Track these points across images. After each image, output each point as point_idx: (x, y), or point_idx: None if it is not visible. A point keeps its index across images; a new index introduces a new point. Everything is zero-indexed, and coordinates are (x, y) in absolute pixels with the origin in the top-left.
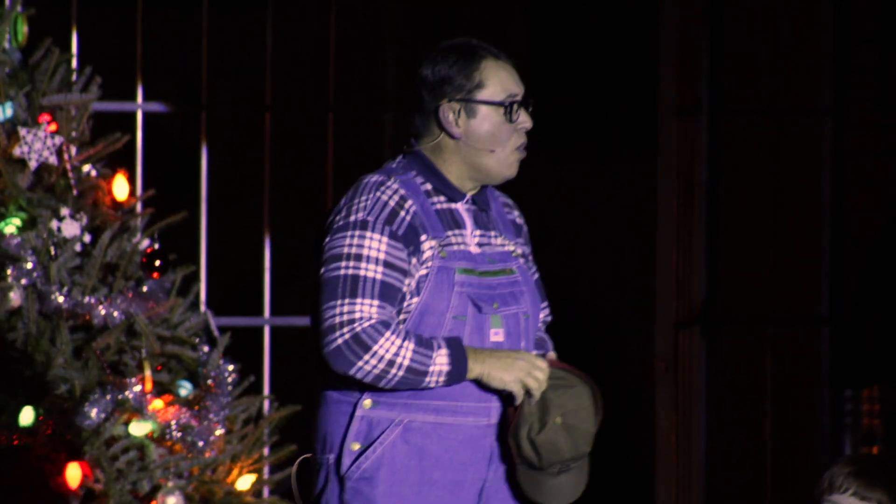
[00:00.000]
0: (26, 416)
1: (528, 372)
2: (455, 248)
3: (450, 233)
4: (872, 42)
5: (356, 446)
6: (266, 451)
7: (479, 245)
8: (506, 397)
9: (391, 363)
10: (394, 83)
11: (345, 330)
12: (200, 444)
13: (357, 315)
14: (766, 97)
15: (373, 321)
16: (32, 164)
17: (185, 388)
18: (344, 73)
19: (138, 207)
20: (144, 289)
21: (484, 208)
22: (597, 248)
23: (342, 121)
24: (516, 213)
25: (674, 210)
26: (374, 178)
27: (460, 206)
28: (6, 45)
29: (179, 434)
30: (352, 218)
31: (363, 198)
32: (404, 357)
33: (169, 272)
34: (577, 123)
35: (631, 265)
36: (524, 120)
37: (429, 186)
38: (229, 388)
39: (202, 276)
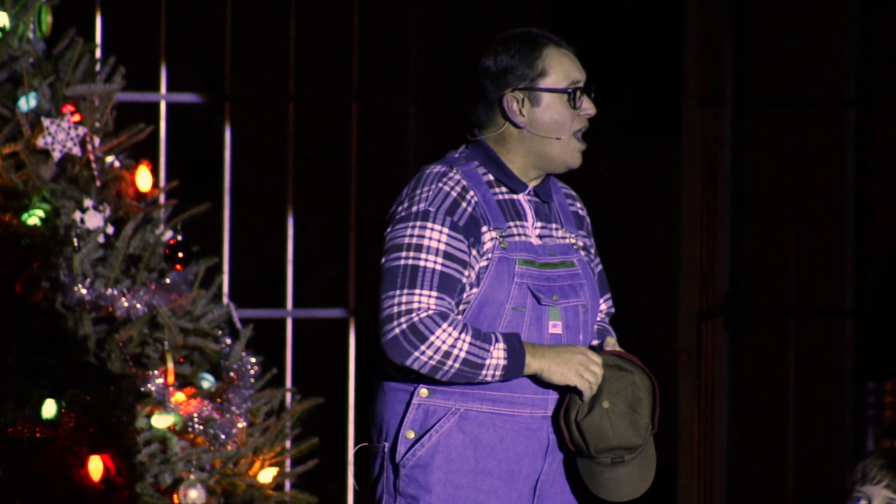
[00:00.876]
0: (49, 408)
1: (586, 366)
2: (516, 239)
3: (511, 224)
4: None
5: (411, 434)
6: (288, 443)
7: (541, 237)
8: (563, 388)
9: (447, 354)
10: (417, 74)
11: (402, 320)
12: (222, 436)
13: (415, 305)
14: (790, 88)
15: (430, 312)
16: (56, 155)
17: (207, 381)
18: (367, 63)
19: (161, 199)
20: (167, 281)
21: (546, 200)
22: (620, 238)
23: (365, 111)
24: (578, 204)
25: (697, 201)
26: (437, 168)
27: (522, 198)
28: (30, 35)
29: (201, 427)
30: (413, 209)
31: (425, 188)
32: (461, 349)
33: (192, 264)
34: (601, 114)
35: (654, 256)
36: (587, 106)
37: (491, 177)
38: (251, 380)
39: (225, 267)
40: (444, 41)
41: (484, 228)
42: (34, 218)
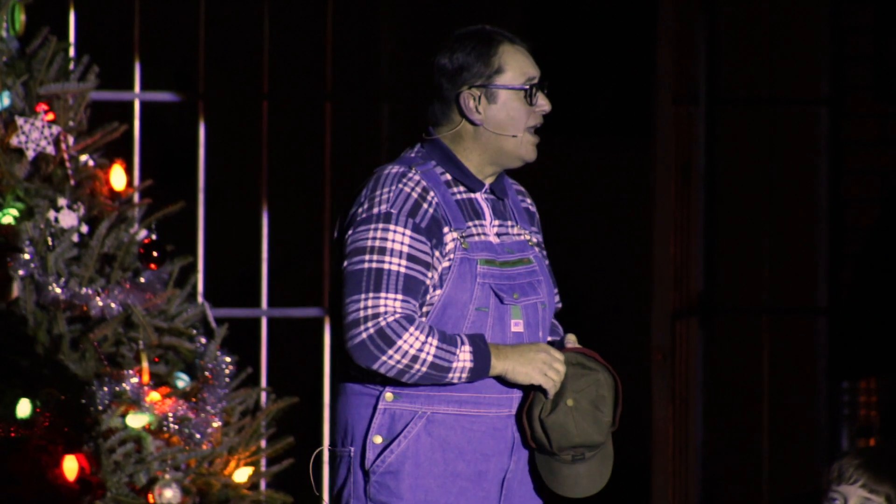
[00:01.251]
0: (23, 408)
1: (549, 364)
2: (476, 238)
3: (471, 223)
4: (868, 31)
5: (379, 439)
6: (263, 443)
7: (498, 235)
8: (527, 386)
9: (415, 359)
10: (391, 73)
11: (369, 324)
12: (197, 436)
13: (381, 309)
14: (764, 86)
15: (397, 316)
16: (30, 154)
17: (182, 380)
18: (341, 62)
19: (136, 197)
20: (142, 280)
21: (501, 197)
22: (593, 237)
23: (340, 110)
24: (529, 200)
25: (671, 199)
26: (395, 169)
27: (479, 196)
28: (3, 33)
29: (176, 426)
30: (374, 210)
31: (385, 189)
32: (428, 353)
33: (166, 263)
34: (574, 111)
35: (628, 255)
36: (543, 103)
37: (448, 177)
38: (226, 379)
39: (200, 266)
40: (418, 40)
41: (445, 229)
42: (8, 217)
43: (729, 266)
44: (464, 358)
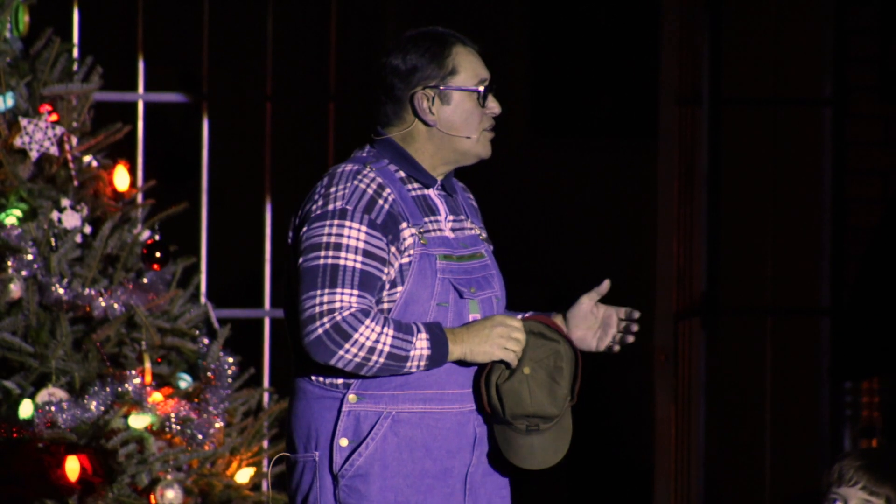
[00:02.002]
0: (26, 408)
1: (507, 336)
2: (434, 234)
3: (427, 219)
4: (872, 32)
5: (345, 442)
6: (265, 443)
7: (453, 230)
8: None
9: (372, 350)
10: None
11: (325, 320)
12: (200, 436)
13: (337, 305)
14: (767, 87)
15: (353, 310)
16: (33, 155)
17: (184, 381)
18: (344, 63)
19: (139, 198)
20: (145, 280)
21: (451, 193)
22: (597, 237)
23: (343, 111)
24: (471, 195)
25: (674, 200)
26: (349, 167)
27: (433, 193)
28: (7, 34)
29: (179, 427)
30: (330, 207)
31: (340, 186)
32: (385, 344)
33: (169, 264)
34: (578, 112)
35: (631, 255)
36: (494, 105)
37: (402, 174)
38: (229, 380)
39: (202, 267)
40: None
41: (403, 225)
42: (11, 217)
43: (732, 267)
44: (420, 346)
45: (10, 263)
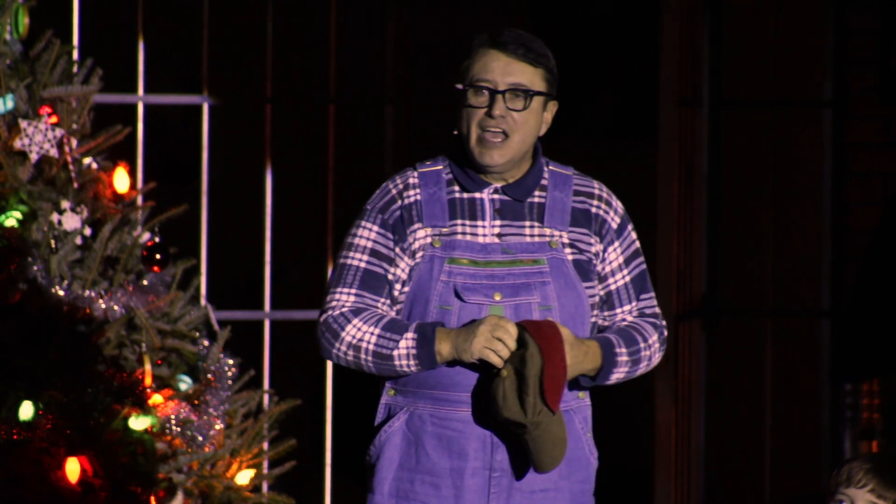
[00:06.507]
0: (26, 410)
1: (489, 336)
2: (458, 237)
3: (459, 222)
4: (872, 34)
5: (377, 431)
6: (265, 445)
7: (500, 235)
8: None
9: (357, 349)
10: (394, 75)
11: (321, 319)
12: (200, 438)
13: (333, 304)
14: (767, 88)
15: (344, 309)
16: (33, 157)
17: (184, 383)
18: (345, 64)
19: (139, 200)
20: (145, 282)
21: (518, 198)
22: None
23: (343, 112)
24: (595, 202)
25: (674, 201)
26: (408, 169)
27: (485, 196)
28: (7, 36)
29: (179, 428)
30: (363, 208)
31: (379, 188)
32: (368, 342)
33: (169, 266)
34: (578, 112)
35: None
36: (475, 102)
37: (450, 176)
38: (229, 382)
39: (202, 269)
40: (422, 44)
41: (416, 226)
42: (11, 219)
43: (732, 268)
44: (405, 345)
45: (10, 265)
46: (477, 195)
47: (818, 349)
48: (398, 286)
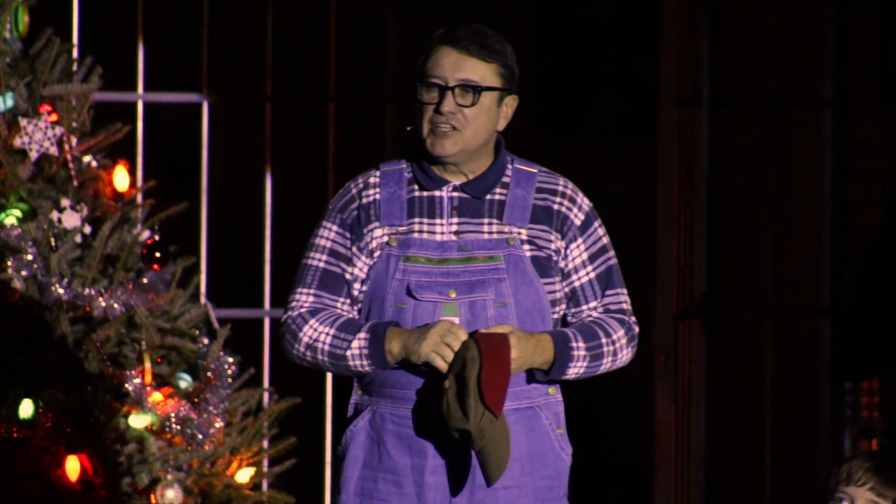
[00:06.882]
0: (26, 408)
1: (438, 341)
2: (415, 236)
3: (417, 220)
4: (872, 33)
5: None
6: (265, 443)
7: (458, 233)
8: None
9: (314, 349)
10: (394, 74)
11: (283, 320)
12: (200, 436)
13: (293, 304)
14: (767, 88)
15: (302, 310)
16: (33, 155)
17: (184, 381)
18: (344, 63)
19: (139, 198)
20: (144, 280)
21: (477, 195)
22: None
23: (343, 111)
24: (558, 199)
25: (674, 201)
26: (373, 168)
27: (444, 194)
28: (7, 34)
29: (179, 426)
30: (327, 207)
31: (343, 187)
32: (324, 343)
33: (169, 264)
34: (578, 112)
35: (631, 256)
36: (428, 98)
37: (412, 174)
38: (229, 380)
39: (202, 267)
40: (422, 41)
41: (374, 225)
42: (11, 218)
43: (732, 267)
44: (358, 345)
45: (9, 263)
46: (436, 193)
47: (818, 348)
48: (357, 285)
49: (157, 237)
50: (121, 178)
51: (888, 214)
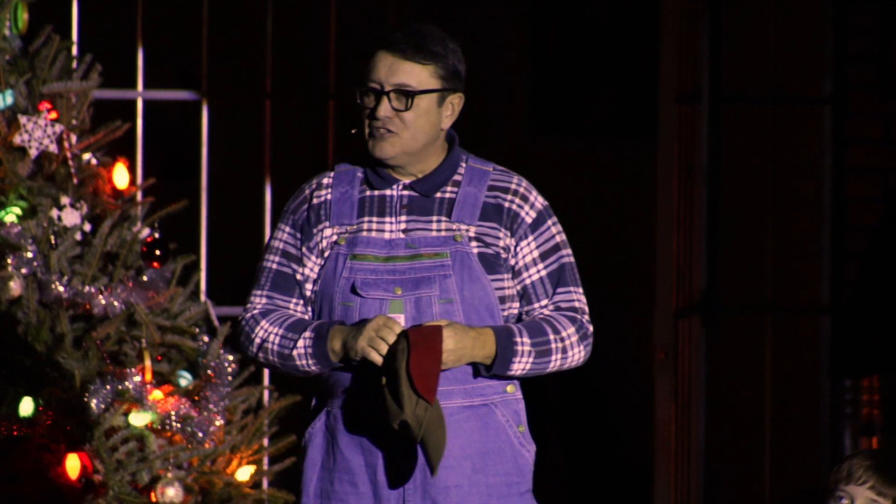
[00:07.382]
0: (26, 406)
1: (373, 336)
2: (363, 234)
3: (366, 219)
4: (872, 29)
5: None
6: (266, 441)
7: (406, 231)
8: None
9: (264, 350)
10: None
11: (239, 321)
12: (200, 434)
13: (248, 306)
14: (767, 84)
15: (255, 312)
16: (32, 153)
17: (184, 379)
18: (344, 62)
19: (138, 196)
20: (144, 278)
21: (427, 193)
22: (597, 235)
23: (343, 109)
24: (509, 197)
25: (674, 198)
26: (328, 169)
27: (394, 192)
28: (6, 32)
29: (179, 424)
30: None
31: (298, 188)
32: (272, 343)
33: (169, 261)
34: (578, 110)
35: (631, 253)
36: (365, 103)
37: (363, 175)
38: (229, 378)
39: (202, 265)
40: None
41: (322, 226)
42: (11, 215)
43: (732, 264)
44: (303, 344)
45: (9, 261)
46: (387, 192)
47: (818, 345)
48: (308, 286)
49: (156, 235)
50: (120, 176)
51: (888, 211)
